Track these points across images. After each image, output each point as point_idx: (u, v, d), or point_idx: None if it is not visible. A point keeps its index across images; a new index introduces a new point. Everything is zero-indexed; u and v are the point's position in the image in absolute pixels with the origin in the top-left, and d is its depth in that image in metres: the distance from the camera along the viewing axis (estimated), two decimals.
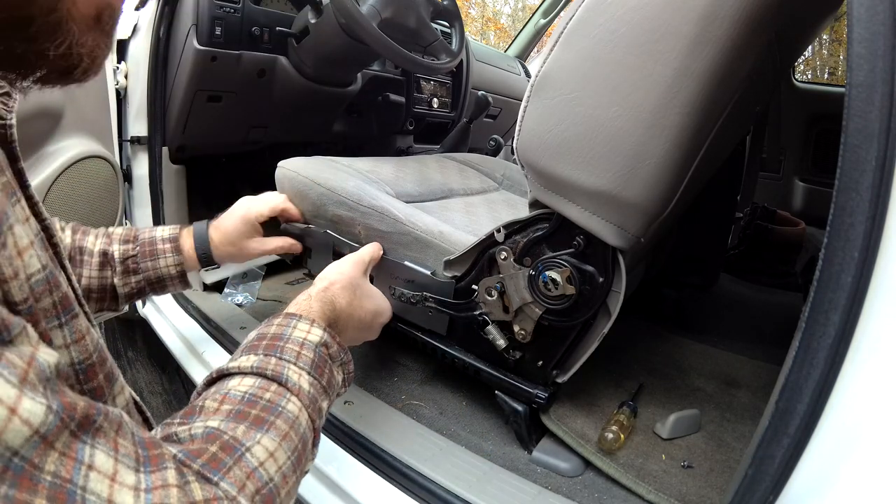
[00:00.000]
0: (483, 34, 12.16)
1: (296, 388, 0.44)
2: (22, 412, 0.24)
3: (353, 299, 0.62)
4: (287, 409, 0.41)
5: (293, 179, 0.85)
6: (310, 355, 0.49)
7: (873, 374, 0.34)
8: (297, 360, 0.47)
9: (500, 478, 0.65)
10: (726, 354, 1.01)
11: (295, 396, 0.43)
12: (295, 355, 0.47)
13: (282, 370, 0.45)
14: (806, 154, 1.99)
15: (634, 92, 0.50)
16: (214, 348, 0.95)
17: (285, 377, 0.44)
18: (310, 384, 0.46)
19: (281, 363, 0.46)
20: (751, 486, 0.39)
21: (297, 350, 0.48)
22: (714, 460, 0.70)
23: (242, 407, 0.40)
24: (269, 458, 0.36)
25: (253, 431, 0.37)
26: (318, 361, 0.49)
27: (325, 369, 0.50)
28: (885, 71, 0.32)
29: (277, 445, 0.38)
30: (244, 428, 0.37)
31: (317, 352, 0.50)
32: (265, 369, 0.44)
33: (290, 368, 0.46)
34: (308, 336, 0.51)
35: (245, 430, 0.37)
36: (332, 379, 0.51)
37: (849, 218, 0.34)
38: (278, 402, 0.42)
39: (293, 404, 0.43)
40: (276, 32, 1.12)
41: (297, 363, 0.47)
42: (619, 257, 0.59)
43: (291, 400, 0.43)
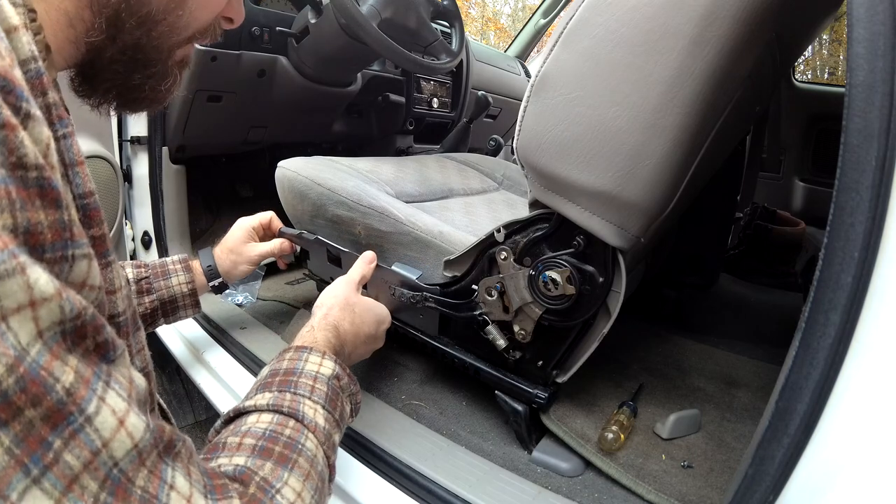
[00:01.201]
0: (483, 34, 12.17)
1: (312, 425, 0.45)
2: (128, 425, 0.26)
3: (353, 317, 0.64)
4: (306, 448, 0.42)
5: (293, 179, 0.85)
6: (323, 389, 0.49)
7: (873, 374, 0.34)
8: (311, 394, 0.48)
9: (500, 478, 0.65)
10: (726, 354, 1.01)
11: (312, 434, 0.44)
12: (309, 390, 0.48)
13: (298, 406, 0.45)
14: (806, 154, 1.99)
15: (634, 92, 0.50)
16: (214, 348, 0.95)
17: (301, 413, 0.45)
18: (325, 419, 0.46)
19: (296, 399, 0.46)
20: (751, 486, 0.39)
21: (310, 384, 0.49)
22: (714, 460, 0.70)
23: (265, 443, 0.40)
24: (297, 499, 0.37)
25: (279, 471, 0.38)
26: (332, 395, 0.50)
27: (338, 402, 0.50)
28: (885, 71, 0.32)
29: (303, 486, 0.39)
30: (271, 466, 0.38)
31: (329, 385, 0.50)
32: (281, 406, 0.45)
33: (306, 404, 0.46)
34: (321, 369, 0.51)
35: (272, 469, 0.38)
36: (343, 411, 0.51)
37: (849, 218, 0.34)
38: (298, 440, 0.42)
39: (311, 442, 0.43)
40: (276, 32, 1.12)
41: (312, 398, 0.47)
42: (619, 257, 0.59)
43: (309, 437, 0.43)
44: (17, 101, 0.24)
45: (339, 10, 1.00)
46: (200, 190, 1.31)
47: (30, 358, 0.23)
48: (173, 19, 0.37)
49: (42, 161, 0.24)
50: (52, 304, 0.24)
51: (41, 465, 0.23)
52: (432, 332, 0.77)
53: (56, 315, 0.24)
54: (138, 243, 1.20)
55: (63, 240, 0.26)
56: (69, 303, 0.25)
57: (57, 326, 0.24)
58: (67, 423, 0.24)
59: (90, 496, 0.24)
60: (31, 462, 0.22)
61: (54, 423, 0.23)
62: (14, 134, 0.23)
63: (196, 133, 1.14)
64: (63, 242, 0.26)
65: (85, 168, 0.31)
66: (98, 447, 0.25)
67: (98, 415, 0.25)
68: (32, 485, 0.23)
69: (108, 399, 0.26)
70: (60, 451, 0.23)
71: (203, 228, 1.40)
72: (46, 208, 0.24)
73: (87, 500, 0.24)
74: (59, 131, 0.29)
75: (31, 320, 0.23)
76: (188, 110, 1.08)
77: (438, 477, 0.64)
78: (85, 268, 0.27)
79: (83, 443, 0.24)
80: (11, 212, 0.23)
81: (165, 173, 1.13)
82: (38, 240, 0.24)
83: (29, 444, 0.23)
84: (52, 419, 0.23)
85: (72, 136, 0.30)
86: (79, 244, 0.27)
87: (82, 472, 0.24)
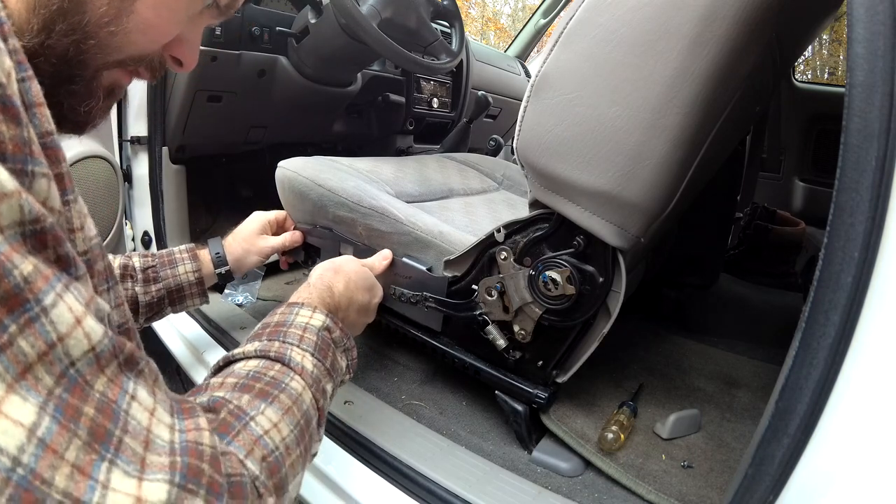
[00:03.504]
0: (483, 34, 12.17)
1: (298, 368, 0.45)
2: (85, 325, 0.26)
3: (348, 282, 0.64)
4: (290, 386, 0.42)
5: (293, 180, 0.85)
6: (313, 338, 0.50)
7: (873, 374, 0.34)
8: (300, 342, 0.48)
9: (500, 478, 0.65)
10: (726, 354, 1.01)
11: (298, 375, 0.44)
12: (298, 338, 0.48)
13: (285, 351, 0.46)
14: (806, 154, 1.99)
15: (634, 92, 0.50)
16: (215, 348, 0.95)
17: (288, 357, 0.45)
18: (313, 365, 0.47)
19: (284, 346, 0.47)
20: (751, 486, 0.39)
21: (300, 334, 0.49)
22: (714, 460, 0.70)
23: (247, 381, 0.41)
24: (273, 428, 0.37)
25: (257, 401, 0.38)
26: (322, 344, 0.50)
27: (329, 352, 0.51)
28: (885, 71, 0.32)
29: (280, 418, 0.39)
30: (248, 398, 0.38)
31: (320, 335, 0.51)
32: (268, 351, 0.46)
33: (294, 350, 0.47)
34: (311, 321, 0.52)
35: (249, 400, 0.38)
36: (335, 362, 0.51)
37: (849, 218, 0.34)
38: (281, 380, 0.42)
39: (296, 382, 0.43)
40: (276, 32, 1.12)
41: (301, 345, 0.48)
42: (619, 257, 0.59)
43: (295, 378, 0.44)
44: None
45: (339, 10, 1.00)
46: (200, 190, 1.31)
47: None
48: (105, 35, 0.36)
49: (4, 78, 0.25)
50: (13, 202, 0.24)
51: None
52: (435, 328, 0.77)
53: (16, 213, 0.24)
54: (138, 243, 1.20)
55: (24, 154, 0.26)
56: (28, 204, 0.25)
57: (17, 227, 0.24)
58: (24, 309, 0.23)
59: (44, 388, 0.24)
60: None
61: (10, 307, 0.23)
62: None
63: (196, 133, 1.14)
64: (24, 157, 0.26)
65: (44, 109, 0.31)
66: (53, 340, 0.24)
67: (55, 307, 0.25)
68: None
69: (66, 298, 0.26)
70: (15, 336, 0.23)
71: (203, 228, 1.40)
72: (8, 122, 0.25)
73: (41, 391, 0.24)
74: (19, 74, 0.29)
75: None
76: (188, 110, 1.08)
77: (438, 477, 0.64)
78: (45, 186, 0.27)
79: (38, 333, 0.24)
80: None
81: (165, 173, 1.13)
82: None
83: None
84: (9, 303, 0.23)
85: (31, 80, 0.30)
86: (38, 162, 0.27)
87: (36, 363, 0.24)
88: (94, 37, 0.36)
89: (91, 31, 0.35)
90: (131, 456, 0.26)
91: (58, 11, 0.34)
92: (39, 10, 0.34)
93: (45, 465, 0.23)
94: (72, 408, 0.25)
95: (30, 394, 0.23)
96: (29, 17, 0.34)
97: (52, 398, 0.24)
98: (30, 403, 0.23)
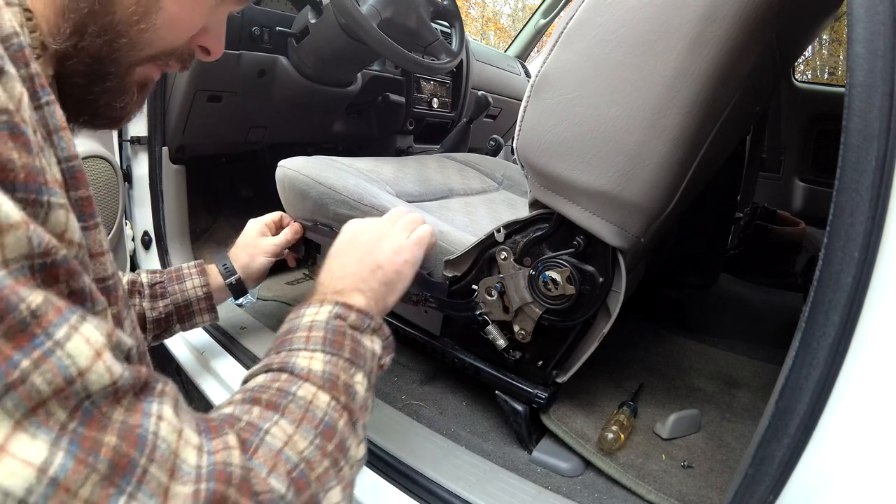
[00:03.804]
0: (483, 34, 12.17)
1: (304, 373, 0.41)
2: (106, 359, 0.24)
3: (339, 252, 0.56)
4: (297, 395, 0.39)
5: (294, 178, 0.85)
6: (320, 334, 0.45)
7: (873, 374, 0.34)
8: (305, 344, 0.44)
9: (500, 478, 0.65)
10: (726, 354, 1.01)
11: (305, 381, 0.40)
12: (303, 341, 0.44)
13: (288, 360, 0.42)
14: (806, 154, 1.99)
15: (634, 92, 0.50)
16: (214, 348, 0.95)
17: (292, 364, 0.42)
18: (324, 362, 0.42)
19: (289, 354, 0.43)
20: (751, 486, 0.39)
21: (304, 335, 0.45)
22: (714, 460, 0.70)
23: (253, 394, 0.38)
24: (288, 441, 0.35)
25: (269, 413, 0.36)
26: (333, 336, 0.45)
27: (346, 341, 0.46)
28: (885, 71, 0.32)
29: (294, 430, 0.36)
30: (258, 411, 0.36)
31: (329, 327, 0.46)
32: (272, 364, 0.42)
33: (299, 355, 0.43)
34: (315, 317, 0.47)
35: (260, 414, 0.36)
36: (357, 348, 0.46)
37: (849, 218, 0.34)
38: (287, 389, 0.39)
39: (304, 389, 0.40)
40: (276, 32, 1.12)
41: (307, 347, 0.44)
42: (619, 257, 0.59)
43: (302, 386, 0.40)
44: None
45: (339, 10, 1.00)
46: (200, 190, 1.31)
47: None
48: (135, 33, 0.37)
49: (12, 107, 0.24)
50: (19, 233, 0.22)
51: (4, 381, 0.21)
52: (434, 331, 0.77)
53: (23, 246, 0.23)
54: (138, 243, 1.20)
55: (37, 183, 0.25)
56: (37, 236, 0.23)
57: (24, 260, 0.23)
58: (34, 345, 0.22)
59: (56, 423, 0.22)
60: None
61: (18, 343, 0.21)
62: None
63: (196, 133, 1.14)
64: (37, 186, 0.25)
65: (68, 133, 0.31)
66: (73, 375, 0.23)
67: (69, 341, 0.23)
68: None
69: (83, 330, 0.24)
70: (29, 372, 0.21)
71: (203, 228, 1.40)
72: (19, 150, 0.24)
73: (53, 427, 0.22)
74: (42, 98, 0.29)
75: None
76: (188, 110, 1.08)
77: (438, 477, 0.64)
78: (63, 218, 0.26)
79: (56, 368, 0.22)
80: None
81: (165, 173, 1.13)
82: (8, 176, 0.23)
83: None
84: (16, 339, 0.21)
85: (53, 104, 0.30)
86: (54, 192, 0.26)
87: (51, 399, 0.22)
88: (124, 35, 0.36)
89: (122, 29, 0.36)
90: (155, 488, 0.24)
91: (88, 14, 0.35)
92: (69, 14, 0.34)
93: None
94: (90, 439, 0.23)
95: (40, 430, 0.21)
96: (59, 22, 0.35)
97: (65, 433, 0.22)
98: (39, 441, 0.21)
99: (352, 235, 0.58)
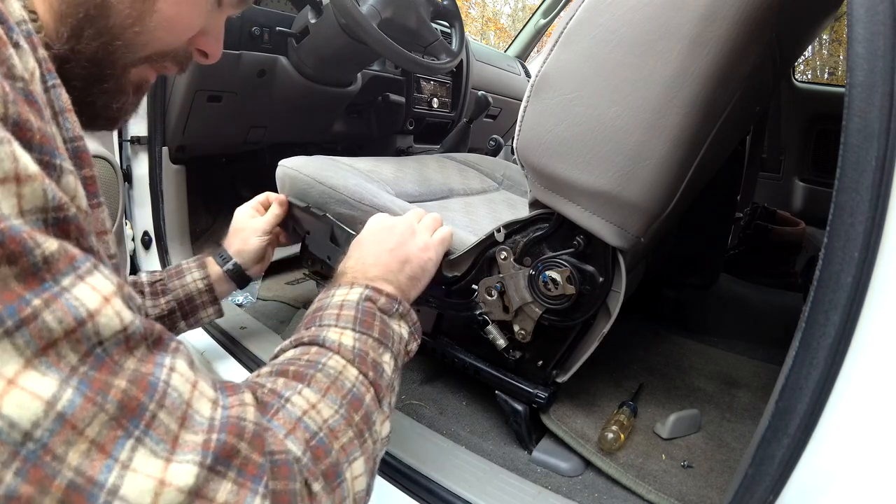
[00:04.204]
0: (483, 34, 12.17)
1: (335, 346, 0.41)
2: (115, 304, 0.25)
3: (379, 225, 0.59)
4: (327, 365, 0.39)
5: (294, 178, 0.85)
6: (350, 313, 0.45)
7: (873, 374, 0.34)
8: (337, 321, 0.44)
9: (500, 478, 0.65)
10: (726, 354, 1.01)
11: (336, 354, 0.41)
12: (335, 318, 0.45)
13: (319, 334, 0.43)
14: (806, 154, 1.99)
15: (634, 92, 0.50)
16: (214, 348, 0.95)
17: (323, 338, 0.42)
18: (354, 339, 0.43)
19: (320, 328, 0.43)
20: (751, 486, 0.39)
21: (336, 313, 0.45)
22: (714, 460, 0.70)
23: (281, 366, 0.38)
24: (311, 409, 0.34)
25: (293, 383, 0.36)
26: (363, 316, 0.46)
27: (375, 322, 0.46)
28: (885, 71, 0.32)
29: (319, 399, 0.36)
30: (284, 381, 0.36)
31: (359, 307, 0.46)
32: (302, 338, 0.43)
33: (330, 330, 0.43)
34: (347, 297, 0.48)
35: (285, 383, 0.36)
36: (386, 330, 0.47)
37: (849, 218, 0.34)
38: (318, 360, 0.39)
39: (334, 360, 0.40)
40: (276, 32, 1.12)
41: (338, 324, 0.44)
42: (619, 257, 0.59)
43: (332, 357, 0.40)
44: (8, 32, 0.26)
45: (339, 10, 1.00)
46: (200, 190, 1.31)
47: (10, 222, 0.21)
48: (130, 36, 0.37)
49: (27, 76, 0.26)
50: (36, 185, 0.23)
51: (17, 317, 0.21)
52: (426, 329, 0.77)
53: (39, 198, 0.23)
54: (138, 243, 1.20)
55: (51, 146, 0.25)
56: (52, 190, 0.24)
57: (40, 213, 0.23)
58: (43, 288, 0.22)
59: (67, 365, 0.22)
60: (3, 312, 0.21)
61: (30, 284, 0.22)
62: (5, 48, 0.24)
63: (196, 133, 1.14)
64: (51, 149, 0.25)
65: (73, 115, 0.32)
66: (83, 316, 0.23)
67: (76, 287, 0.23)
68: (4, 337, 0.20)
69: (92, 279, 0.24)
70: (40, 310, 0.21)
71: (203, 228, 1.40)
72: (34, 114, 0.25)
73: (64, 368, 0.22)
74: (48, 81, 0.30)
75: (15, 196, 0.22)
76: (188, 110, 1.08)
77: (438, 477, 0.64)
78: (73, 183, 0.27)
79: (66, 308, 0.22)
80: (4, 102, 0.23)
81: (165, 173, 1.13)
82: (26, 136, 0.24)
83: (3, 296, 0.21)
84: (28, 281, 0.22)
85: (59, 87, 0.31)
86: (65, 158, 0.27)
87: (62, 340, 0.22)
88: (120, 38, 0.37)
89: (117, 32, 0.37)
90: (163, 434, 0.24)
91: (85, 18, 0.35)
92: (66, 18, 0.35)
93: (59, 441, 0.21)
94: (100, 381, 0.23)
95: (50, 370, 0.22)
96: (57, 27, 0.35)
97: (75, 374, 0.22)
98: (49, 378, 0.21)
99: (383, 226, 0.60)
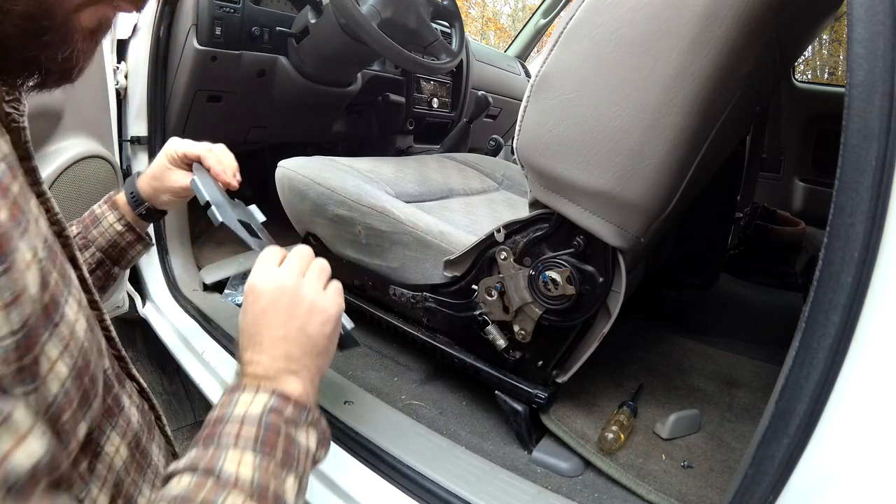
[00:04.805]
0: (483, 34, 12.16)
1: (231, 480, 0.37)
2: None
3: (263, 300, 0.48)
4: None
5: (293, 179, 0.85)
6: (252, 430, 0.41)
7: (873, 374, 0.34)
8: (236, 442, 0.40)
9: (500, 478, 0.65)
10: (726, 354, 1.01)
11: (234, 489, 0.37)
12: (234, 437, 0.40)
13: (216, 462, 0.38)
14: (806, 154, 1.99)
15: (634, 92, 0.50)
16: (214, 348, 0.95)
17: (219, 469, 0.38)
18: (254, 468, 0.39)
19: (217, 452, 0.39)
20: (751, 486, 0.39)
21: (236, 430, 0.41)
22: (714, 460, 0.70)
23: None
24: None
25: None
26: (266, 435, 0.41)
27: (279, 440, 0.42)
28: (885, 71, 0.32)
29: None
30: None
31: (262, 423, 0.42)
32: (199, 462, 0.38)
33: (227, 457, 0.39)
34: (250, 408, 0.42)
35: None
36: (291, 448, 0.42)
37: (849, 218, 0.34)
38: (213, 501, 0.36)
39: (232, 499, 0.36)
40: (276, 32, 1.12)
41: (237, 444, 0.40)
42: (619, 257, 0.59)
43: (231, 495, 0.36)
44: None
45: (339, 10, 1.00)
46: None
47: None
48: None
49: None
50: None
51: None
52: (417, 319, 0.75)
53: None
54: None
55: None
56: None
57: None
58: None
59: None
60: None
61: None
62: None
63: (196, 133, 1.13)
64: None
65: None
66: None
67: None
68: None
69: None
70: None
71: (203, 229, 1.40)
72: None
73: None
74: None
75: None
76: (188, 110, 1.08)
77: (438, 477, 0.64)
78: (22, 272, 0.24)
79: None
80: None
81: None
82: None
83: None
84: None
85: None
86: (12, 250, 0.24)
87: None
88: None
89: None
90: None
91: None
92: None
93: None
94: None
95: None
96: None
97: None
98: None
99: (267, 302, 0.49)
